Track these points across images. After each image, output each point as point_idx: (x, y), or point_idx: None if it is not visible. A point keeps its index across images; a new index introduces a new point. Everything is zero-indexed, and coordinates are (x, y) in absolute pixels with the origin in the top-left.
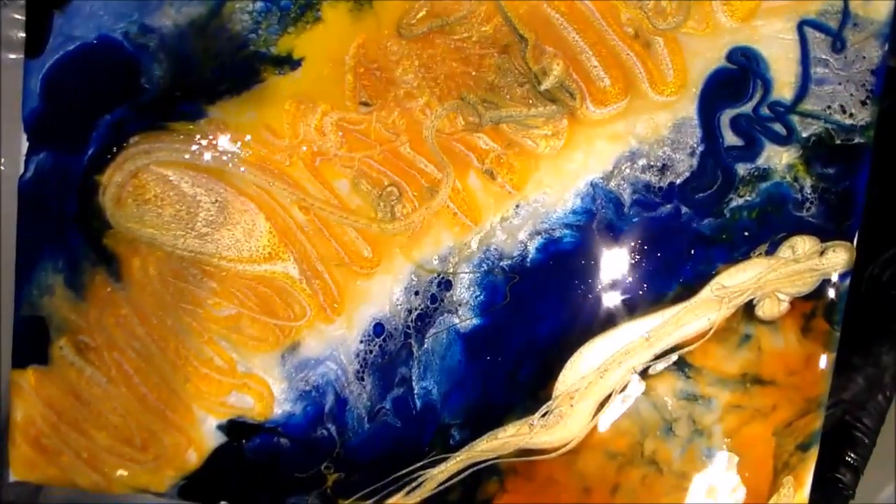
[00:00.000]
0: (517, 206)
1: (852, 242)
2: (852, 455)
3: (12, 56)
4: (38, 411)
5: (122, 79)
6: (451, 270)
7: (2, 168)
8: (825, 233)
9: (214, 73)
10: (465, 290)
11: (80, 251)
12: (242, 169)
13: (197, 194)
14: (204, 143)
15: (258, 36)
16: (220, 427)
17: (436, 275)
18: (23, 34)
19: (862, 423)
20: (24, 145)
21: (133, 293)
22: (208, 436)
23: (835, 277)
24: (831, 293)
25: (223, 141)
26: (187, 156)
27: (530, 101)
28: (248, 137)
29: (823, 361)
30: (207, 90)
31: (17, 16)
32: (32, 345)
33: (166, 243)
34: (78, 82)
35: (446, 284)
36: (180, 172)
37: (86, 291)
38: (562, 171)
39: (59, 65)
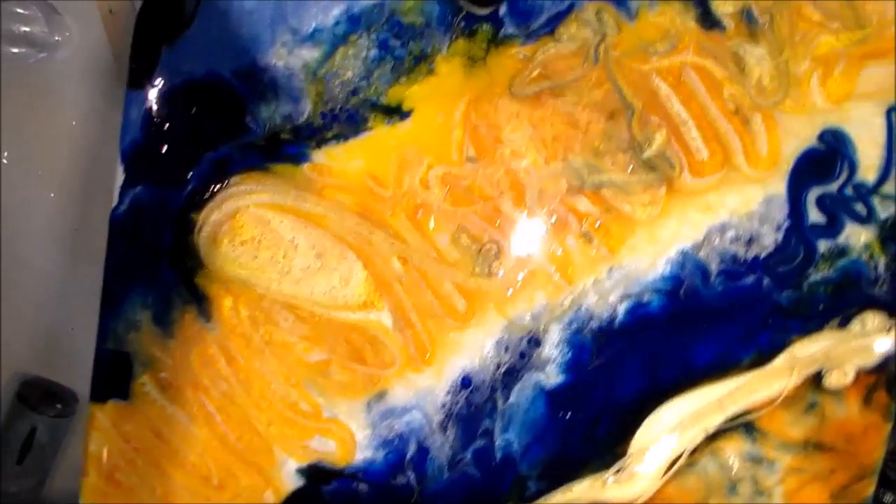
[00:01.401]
0: (610, 269)
1: None
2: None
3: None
4: (116, 446)
5: (227, 116)
6: (542, 328)
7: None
8: (895, 310)
9: (323, 117)
10: (553, 347)
11: (171, 288)
12: (344, 216)
13: (295, 239)
14: (307, 188)
15: (369, 84)
16: (299, 470)
17: (527, 331)
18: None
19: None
20: (120, 177)
21: (222, 333)
22: (287, 478)
23: None
24: (894, 367)
25: (326, 188)
26: (289, 199)
27: (632, 168)
28: (352, 186)
29: (881, 431)
30: (314, 134)
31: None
32: (114, 379)
33: (260, 286)
34: (181, 117)
35: (536, 341)
36: (280, 216)
37: (174, 328)
38: (655, 238)
39: (164, 97)
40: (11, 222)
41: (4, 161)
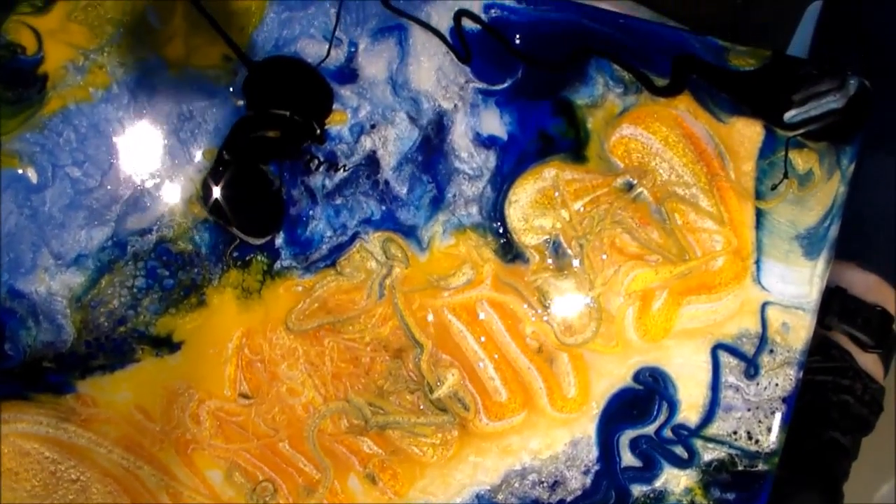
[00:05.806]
0: None
1: None
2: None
3: None
4: None
5: None
6: None
7: None
8: None
9: (88, 346)
10: None
11: None
12: (109, 450)
13: (57, 472)
14: (70, 419)
15: (137, 313)
16: None
17: None
18: None
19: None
20: None
21: None
22: None
23: None
24: None
25: (91, 419)
26: (51, 430)
27: (420, 409)
28: (119, 418)
29: None
30: (79, 364)
31: None
32: None
33: None
34: None
35: None
36: (41, 447)
37: None
38: (448, 482)
39: None
40: None
41: None
